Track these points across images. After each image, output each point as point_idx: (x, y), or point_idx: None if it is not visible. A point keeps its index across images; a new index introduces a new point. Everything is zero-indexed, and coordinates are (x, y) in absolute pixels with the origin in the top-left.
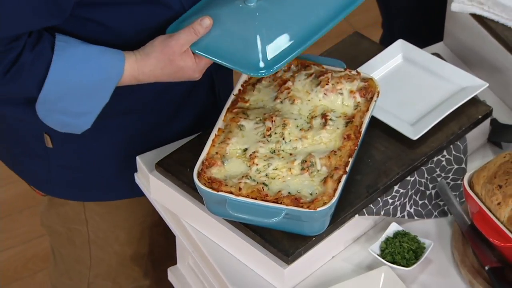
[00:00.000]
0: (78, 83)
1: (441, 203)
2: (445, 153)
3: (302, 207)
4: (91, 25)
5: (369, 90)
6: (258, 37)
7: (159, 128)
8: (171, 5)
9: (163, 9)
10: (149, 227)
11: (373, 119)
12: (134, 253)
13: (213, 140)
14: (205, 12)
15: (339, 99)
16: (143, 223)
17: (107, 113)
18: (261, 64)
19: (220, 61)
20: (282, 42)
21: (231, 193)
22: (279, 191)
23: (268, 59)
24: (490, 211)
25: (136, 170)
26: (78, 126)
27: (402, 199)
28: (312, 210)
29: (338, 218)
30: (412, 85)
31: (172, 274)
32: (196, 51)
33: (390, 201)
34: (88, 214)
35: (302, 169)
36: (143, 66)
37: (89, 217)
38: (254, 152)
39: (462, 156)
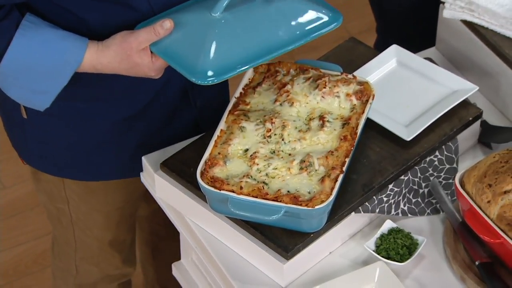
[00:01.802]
0: (35, 64)
1: (434, 201)
2: (437, 153)
3: (300, 205)
4: (60, 10)
5: (364, 93)
6: (213, 45)
7: (128, 121)
8: (139, 8)
9: (131, 11)
10: (128, 216)
11: (369, 121)
12: (113, 238)
13: (215, 141)
14: (172, 16)
15: (336, 101)
16: (121, 210)
17: (74, 97)
18: (210, 73)
19: (173, 64)
20: (235, 54)
21: (233, 191)
22: (279, 190)
23: (217, 68)
24: (481, 209)
25: (111, 154)
26: (37, 103)
27: (396, 197)
28: (310, 208)
29: (335, 215)
30: (406, 88)
31: (176, 269)
32: (153, 50)
33: (385, 199)
34: (68, 193)
35: (301, 168)
36: (102, 56)
37: (69, 196)
38: (254, 153)
39: (453, 156)
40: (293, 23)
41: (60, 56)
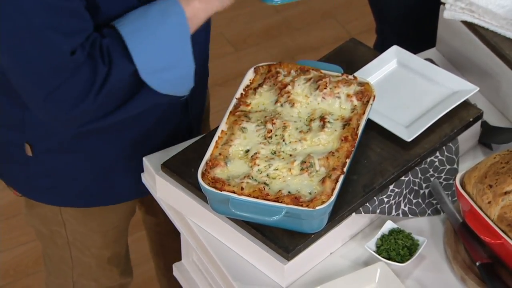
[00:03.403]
0: (162, 53)
1: (434, 201)
2: (438, 154)
3: (301, 205)
4: None
5: (365, 94)
6: None
7: (134, 145)
8: None
9: None
10: (124, 229)
11: (369, 122)
12: (111, 255)
13: (216, 142)
14: None
15: (337, 102)
16: (118, 227)
17: (87, 135)
18: None
19: None
20: None
21: (234, 192)
22: (280, 191)
23: None
24: (481, 209)
25: (119, 177)
26: (179, 88)
27: (397, 198)
28: (311, 209)
29: (336, 216)
30: (407, 89)
31: (176, 270)
32: None
33: (386, 200)
34: (64, 217)
35: (302, 169)
36: None
37: (66, 219)
38: (255, 153)
39: (454, 157)
40: None
41: (172, 28)
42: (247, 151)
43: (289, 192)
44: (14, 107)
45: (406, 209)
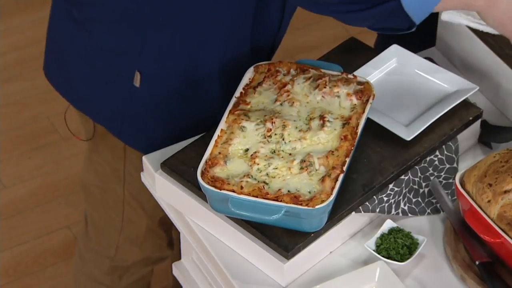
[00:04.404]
0: None
1: (434, 200)
2: (437, 153)
3: (301, 204)
4: None
5: (365, 93)
6: None
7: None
8: None
9: None
10: None
11: (369, 121)
12: (163, 216)
13: (216, 140)
14: None
15: (336, 101)
16: None
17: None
18: None
19: None
20: None
21: (233, 191)
22: (279, 190)
23: None
24: (481, 208)
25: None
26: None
27: (397, 197)
28: (310, 208)
29: (335, 215)
30: (406, 88)
31: (176, 269)
32: None
33: (385, 199)
34: (127, 169)
35: (301, 168)
36: None
37: (127, 172)
38: (255, 152)
39: (453, 156)
40: None
41: None
42: (247, 150)
43: (288, 191)
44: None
45: (405, 208)
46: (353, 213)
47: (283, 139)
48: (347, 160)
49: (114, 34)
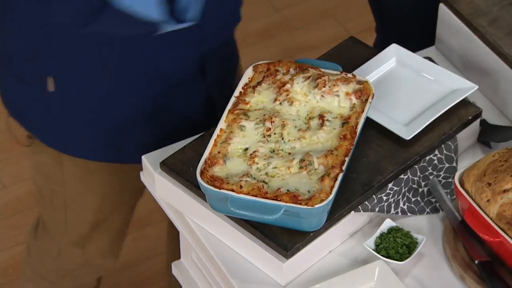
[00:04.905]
0: None
1: (433, 200)
2: (436, 152)
3: (300, 204)
4: None
5: (364, 92)
6: None
7: (152, 106)
8: None
9: None
10: (126, 206)
11: (368, 120)
12: (104, 221)
13: (215, 140)
14: None
15: (336, 101)
16: (117, 195)
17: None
18: None
19: None
20: None
21: (233, 190)
22: (279, 189)
23: None
24: (480, 207)
25: (118, 136)
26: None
27: (396, 196)
28: (310, 207)
29: (334, 214)
30: (405, 87)
31: (176, 269)
32: None
33: (385, 198)
34: (65, 175)
35: (301, 167)
36: None
37: (66, 178)
38: (254, 152)
39: (453, 155)
40: None
41: None
42: (246, 149)
43: (288, 190)
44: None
45: (405, 207)
46: (352, 212)
47: (282, 139)
48: (347, 159)
49: (24, 39)
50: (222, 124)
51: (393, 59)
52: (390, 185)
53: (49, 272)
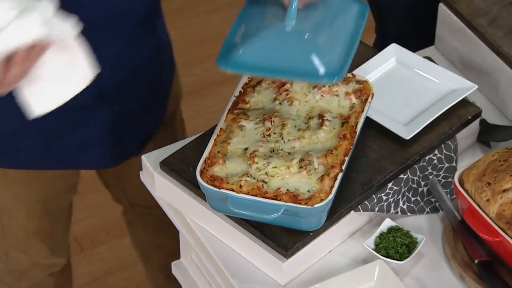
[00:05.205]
0: None
1: (433, 199)
2: (436, 152)
3: (300, 203)
4: None
5: (364, 92)
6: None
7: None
8: None
9: None
10: (56, 208)
11: (368, 120)
12: (38, 229)
13: (215, 139)
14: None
15: (335, 100)
16: (45, 202)
17: None
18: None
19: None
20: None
21: (232, 190)
22: (278, 189)
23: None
24: (480, 207)
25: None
26: None
27: (396, 196)
28: (309, 207)
29: (334, 214)
30: (405, 87)
31: (175, 268)
32: None
33: (384, 198)
34: None
35: (300, 167)
36: None
37: None
38: (254, 151)
39: (452, 155)
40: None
41: None
42: (246, 149)
43: (287, 190)
44: None
45: (404, 207)
46: (352, 212)
47: (282, 138)
48: (346, 159)
49: None
50: (221, 124)
51: (393, 59)
52: (389, 185)
53: (4, 275)
